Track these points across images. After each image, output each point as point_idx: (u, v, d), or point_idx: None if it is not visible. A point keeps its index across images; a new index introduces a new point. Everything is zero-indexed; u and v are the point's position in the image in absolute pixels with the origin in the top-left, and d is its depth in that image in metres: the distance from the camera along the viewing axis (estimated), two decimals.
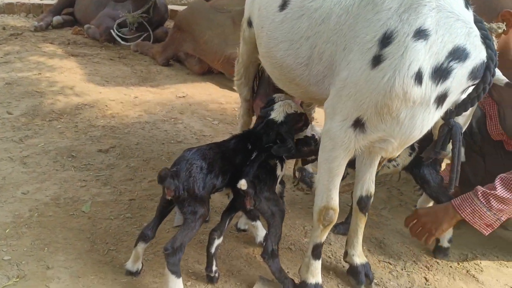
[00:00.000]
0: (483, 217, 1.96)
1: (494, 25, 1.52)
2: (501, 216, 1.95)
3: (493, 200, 1.93)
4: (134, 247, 1.81)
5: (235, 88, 2.58)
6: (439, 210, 2.05)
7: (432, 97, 1.43)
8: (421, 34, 1.38)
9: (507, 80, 1.58)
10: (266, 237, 1.80)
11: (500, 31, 1.52)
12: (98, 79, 4.10)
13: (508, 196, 1.91)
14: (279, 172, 1.89)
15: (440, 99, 1.45)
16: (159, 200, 1.84)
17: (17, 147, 2.75)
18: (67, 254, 1.95)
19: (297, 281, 1.87)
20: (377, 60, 1.42)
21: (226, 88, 4.29)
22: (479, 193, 1.96)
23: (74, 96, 3.61)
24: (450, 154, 1.68)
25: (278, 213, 1.81)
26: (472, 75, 1.44)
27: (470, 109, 1.59)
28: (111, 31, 5.30)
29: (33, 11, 6.64)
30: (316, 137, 1.97)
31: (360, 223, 1.95)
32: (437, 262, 2.16)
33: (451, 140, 1.63)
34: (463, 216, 1.97)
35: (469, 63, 1.42)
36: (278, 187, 2.03)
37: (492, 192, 1.93)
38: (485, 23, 1.50)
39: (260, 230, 2.08)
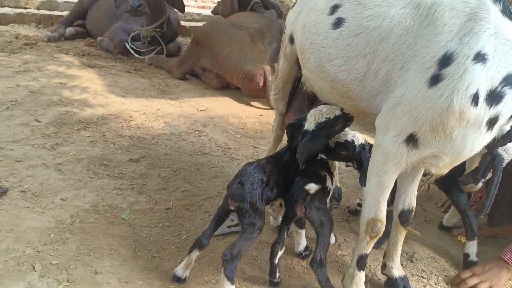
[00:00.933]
0: None
1: None
2: None
3: None
4: (188, 254, 1.86)
5: (271, 102, 2.65)
6: (493, 267, 2.14)
7: (484, 119, 1.51)
8: (480, 57, 1.47)
9: None
10: (315, 247, 1.86)
11: None
12: (118, 90, 4.15)
13: None
14: (329, 184, 1.96)
15: (492, 122, 1.54)
16: (217, 209, 1.89)
17: (50, 154, 2.78)
18: (113, 260, 1.98)
19: None
20: (435, 80, 1.51)
21: (243, 103, 4.37)
22: None
23: (98, 106, 3.66)
24: None
25: (327, 223, 1.87)
26: None
27: None
28: (126, 44, 5.37)
29: (43, 21, 6.68)
30: (356, 143, 2.03)
31: (400, 236, 2.02)
32: None
33: (491, 169, 1.72)
34: None
35: None
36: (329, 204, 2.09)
37: None
38: None
39: (303, 240, 2.14)
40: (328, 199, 2.03)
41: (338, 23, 1.84)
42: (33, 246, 1.98)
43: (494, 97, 1.49)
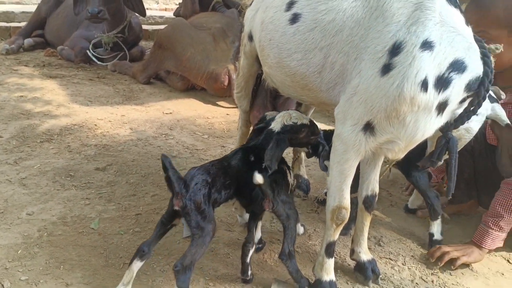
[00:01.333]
0: (500, 238, 2.24)
1: (492, 46, 1.70)
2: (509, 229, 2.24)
3: (503, 224, 2.21)
4: (129, 266, 1.80)
5: (235, 100, 2.67)
6: (466, 247, 2.26)
7: (434, 104, 1.59)
8: (427, 45, 1.54)
9: (508, 122, 1.75)
10: (283, 240, 1.90)
11: (497, 51, 1.70)
12: (82, 99, 4.10)
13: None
14: (289, 179, 2.00)
15: (441, 107, 1.61)
16: (162, 215, 1.87)
17: (13, 169, 2.74)
18: (84, 271, 1.97)
19: (311, 280, 1.98)
20: (387, 68, 1.57)
21: (210, 104, 4.39)
22: (490, 224, 2.22)
23: (61, 117, 3.61)
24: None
25: (293, 216, 1.92)
26: (468, 87, 1.61)
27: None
28: (87, 51, 5.31)
29: (0, 34, 6.53)
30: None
31: (366, 222, 2.08)
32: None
33: (447, 151, 1.80)
34: (487, 248, 2.24)
35: (466, 75, 1.59)
36: None
37: (499, 219, 2.20)
38: (483, 41, 1.68)
39: (258, 232, 2.16)
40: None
41: (294, 18, 1.89)
42: (1, 263, 1.96)
43: (442, 83, 1.56)
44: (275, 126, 1.96)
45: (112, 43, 5.43)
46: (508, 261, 2.33)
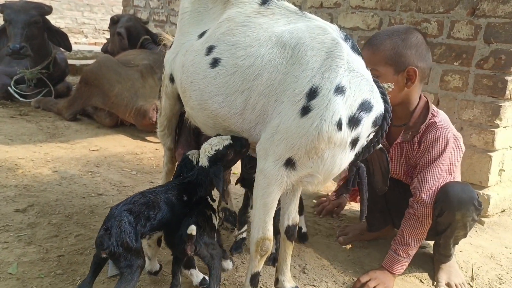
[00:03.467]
0: (407, 263, 2.44)
1: (385, 85, 1.92)
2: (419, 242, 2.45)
3: (411, 251, 2.41)
4: None
5: (158, 138, 2.71)
6: (381, 271, 2.42)
7: (348, 140, 1.76)
8: (339, 90, 1.71)
9: (381, 146, 1.98)
10: (209, 279, 1.95)
11: (390, 89, 1.93)
12: (2, 138, 3.93)
13: (418, 245, 2.42)
14: (214, 221, 2.06)
15: (354, 142, 1.79)
16: (93, 257, 1.87)
17: None
18: None
19: None
20: (306, 110, 1.72)
21: (139, 139, 4.38)
22: (400, 252, 2.40)
23: None
24: None
25: (217, 256, 1.98)
26: (374, 123, 1.82)
27: None
28: (9, 88, 5.11)
29: None
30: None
31: (288, 251, 2.18)
32: (353, 278, 2.44)
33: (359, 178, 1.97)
34: (397, 273, 2.41)
35: (373, 113, 1.79)
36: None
37: (407, 247, 2.39)
38: (379, 81, 1.90)
39: (197, 276, 2.18)
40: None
41: (215, 62, 1.97)
42: None
43: (354, 122, 1.75)
44: (203, 162, 2.03)
45: (36, 79, 5.28)
46: (420, 280, 2.52)
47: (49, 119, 4.67)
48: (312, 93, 1.72)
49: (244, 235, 2.58)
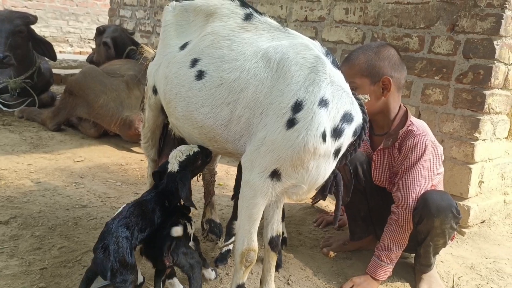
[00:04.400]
0: (390, 269, 2.50)
1: (362, 96, 1.99)
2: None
3: (393, 257, 2.47)
4: None
5: (142, 150, 2.72)
6: (365, 280, 2.47)
7: (331, 151, 1.82)
8: (323, 103, 1.77)
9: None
10: None
11: (366, 101, 2.00)
12: None
13: (400, 250, 2.48)
14: (189, 230, 2.08)
15: (337, 152, 1.86)
16: (86, 272, 1.88)
17: None
18: None
19: None
20: (291, 123, 1.76)
21: (124, 150, 4.36)
22: (382, 257, 2.46)
23: None
24: None
25: (196, 264, 1.98)
26: (355, 133, 1.88)
27: None
28: None
29: None
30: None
31: (272, 261, 2.20)
32: None
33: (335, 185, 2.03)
34: (381, 279, 2.48)
35: (353, 124, 1.86)
36: (192, 245, 2.19)
37: (390, 252, 2.45)
38: (356, 94, 1.97)
39: (177, 285, 2.19)
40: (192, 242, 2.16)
41: (200, 75, 2.02)
42: None
43: (337, 133, 1.81)
44: (172, 167, 2.07)
45: (20, 88, 5.24)
46: None
47: (33, 129, 4.63)
48: (297, 106, 1.76)
49: (230, 247, 2.59)
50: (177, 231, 1.88)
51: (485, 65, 3.10)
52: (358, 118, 1.89)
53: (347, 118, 1.83)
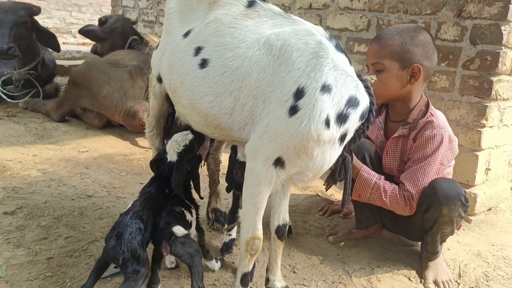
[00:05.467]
0: (363, 191, 2.49)
1: (368, 77, 1.95)
2: (372, 202, 2.52)
3: (375, 189, 2.46)
4: None
5: (146, 139, 2.71)
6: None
7: (337, 137, 1.80)
8: (325, 88, 1.74)
9: (347, 155, 2.02)
10: (191, 278, 1.95)
11: (372, 81, 1.95)
12: None
13: (377, 197, 2.47)
14: (189, 217, 2.08)
15: (342, 138, 1.84)
16: (97, 261, 1.89)
17: None
18: None
19: None
20: (293, 110, 1.74)
21: (128, 140, 4.36)
22: (369, 174, 2.47)
23: None
24: None
25: (195, 253, 1.98)
26: (361, 117, 1.85)
27: None
28: None
29: None
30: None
31: (279, 250, 2.20)
32: (342, 277, 2.47)
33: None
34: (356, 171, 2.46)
35: (360, 108, 1.83)
36: (195, 236, 2.20)
37: (377, 183, 2.45)
38: (362, 75, 1.93)
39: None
40: (195, 229, 2.16)
41: (203, 63, 2.00)
42: None
43: (342, 118, 1.78)
44: (171, 157, 2.12)
45: (24, 80, 5.25)
46: (409, 278, 2.55)
47: (38, 120, 4.64)
48: (299, 93, 1.74)
49: (234, 235, 2.59)
50: (178, 230, 1.88)
51: (493, 51, 3.06)
52: (364, 102, 1.85)
53: (352, 102, 1.79)
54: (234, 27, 1.99)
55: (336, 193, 3.54)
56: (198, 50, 2.04)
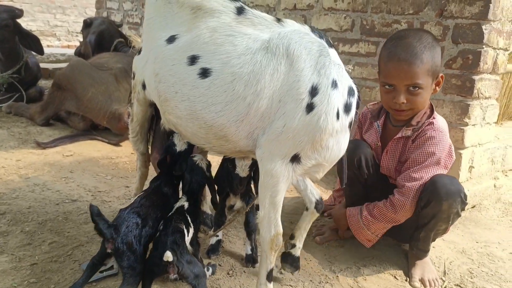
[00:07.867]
0: (363, 234, 2.60)
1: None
2: (378, 234, 2.59)
3: (371, 225, 2.56)
4: None
5: (131, 144, 2.69)
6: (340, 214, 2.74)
7: (346, 125, 1.93)
8: (334, 84, 1.85)
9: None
10: None
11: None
12: None
13: (376, 225, 2.56)
14: (187, 236, 2.04)
15: (350, 125, 1.96)
16: (92, 258, 1.90)
17: None
18: None
19: None
20: (310, 107, 1.82)
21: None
22: (364, 214, 2.56)
23: None
24: None
25: (201, 273, 1.95)
26: (357, 104, 1.99)
27: None
28: None
29: None
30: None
31: (312, 222, 2.30)
32: (329, 277, 2.48)
33: None
34: (348, 219, 2.67)
35: (355, 94, 1.97)
36: (191, 249, 2.14)
37: (370, 217, 2.55)
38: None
39: None
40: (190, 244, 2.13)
41: (204, 73, 1.93)
42: None
43: (348, 108, 1.92)
44: (181, 146, 2.35)
45: (7, 83, 5.17)
46: (395, 277, 2.57)
47: (21, 125, 4.58)
48: (314, 90, 1.82)
49: (220, 237, 2.59)
50: (168, 256, 1.77)
51: (474, 50, 3.10)
52: (355, 88, 1.98)
53: (350, 91, 1.94)
54: (231, 35, 1.94)
55: (323, 194, 3.55)
56: (193, 59, 1.95)
